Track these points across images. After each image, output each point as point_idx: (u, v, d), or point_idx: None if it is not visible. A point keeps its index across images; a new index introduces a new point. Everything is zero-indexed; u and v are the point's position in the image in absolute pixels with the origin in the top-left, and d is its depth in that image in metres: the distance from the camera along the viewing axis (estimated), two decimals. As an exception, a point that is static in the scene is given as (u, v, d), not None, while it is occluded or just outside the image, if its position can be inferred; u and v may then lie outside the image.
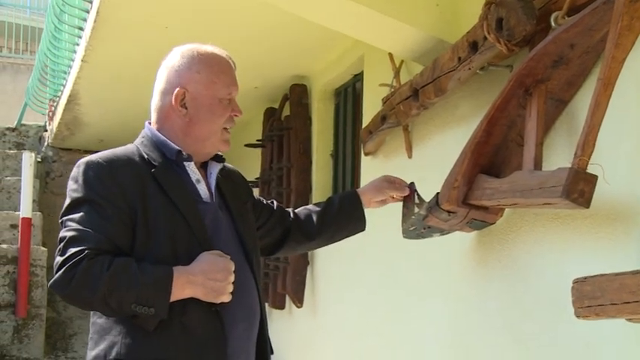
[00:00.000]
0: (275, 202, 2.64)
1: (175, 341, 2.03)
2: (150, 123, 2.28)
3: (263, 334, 2.25)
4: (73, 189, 2.08)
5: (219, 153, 2.31)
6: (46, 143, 8.19)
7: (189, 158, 2.19)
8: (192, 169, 2.20)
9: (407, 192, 2.83)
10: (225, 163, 2.37)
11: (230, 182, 2.35)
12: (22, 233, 6.62)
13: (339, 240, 2.73)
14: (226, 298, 2.07)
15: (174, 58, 2.23)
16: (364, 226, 2.73)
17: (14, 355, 6.44)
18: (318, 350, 4.98)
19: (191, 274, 2.03)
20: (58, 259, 1.99)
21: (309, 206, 2.72)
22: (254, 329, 2.21)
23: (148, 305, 1.97)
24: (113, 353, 2.02)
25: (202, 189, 2.21)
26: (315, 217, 2.62)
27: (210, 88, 2.20)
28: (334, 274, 4.74)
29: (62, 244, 2.00)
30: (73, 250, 1.96)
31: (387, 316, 3.93)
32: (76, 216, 2.02)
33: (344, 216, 2.66)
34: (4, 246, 6.64)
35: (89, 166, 2.08)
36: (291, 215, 2.62)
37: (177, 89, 2.18)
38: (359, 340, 4.29)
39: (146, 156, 2.15)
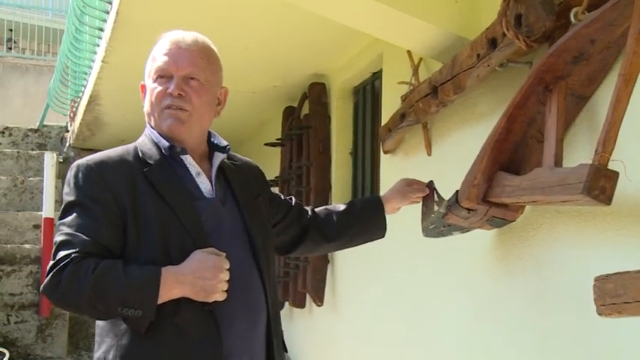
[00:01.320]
0: (294, 199, 2.58)
1: (168, 342, 2.00)
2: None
3: (271, 333, 2.19)
4: (66, 192, 2.08)
5: (225, 143, 2.25)
6: (67, 144, 8.24)
7: (184, 152, 2.14)
8: (190, 162, 2.15)
9: (427, 192, 2.80)
10: (244, 158, 2.33)
11: (241, 175, 2.28)
12: (45, 233, 6.68)
13: (357, 245, 2.70)
14: (219, 297, 2.02)
15: None
16: (384, 234, 2.72)
17: (38, 354, 6.50)
18: (337, 349, 4.98)
19: (180, 273, 1.98)
20: (50, 264, 1.98)
21: (330, 207, 2.67)
22: (258, 328, 2.15)
23: (134, 307, 1.94)
24: (110, 356, 2.01)
25: (203, 182, 2.15)
26: (335, 219, 2.58)
27: (148, 70, 2.20)
28: (354, 273, 4.73)
29: (54, 248, 1.99)
30: (61, 254, 1.95)
31: (406, 314, 3.91)
32: (67, 220, 2.00)
33: (365, 221, 2.64)
34: (27, 246, 6.69)
35: (80, 169, 2.07)
36: (310, 214, 2.58)
37: (141, 84, 2.22)
38: (379, 339, 4.28)
39: (141, 154, 2.12)
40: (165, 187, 2.07)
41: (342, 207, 2.64)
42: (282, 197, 2.54)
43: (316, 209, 2.63)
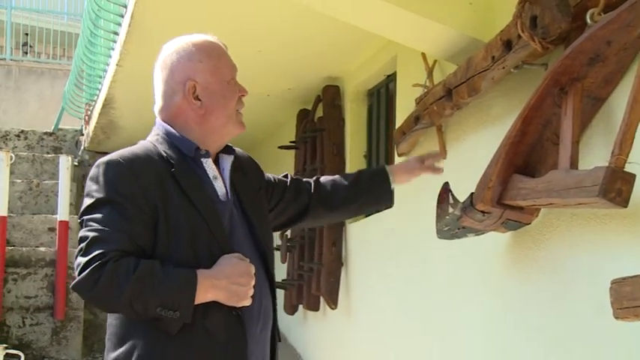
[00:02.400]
0: (289, 177, 2.54)
1: (197, 345, 2.01)
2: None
3: (275, 333, 2.24)
4: (94, 189, 2.03)
5: (229, 144, 2.26)
6: (82, 147, 8.28)
7: (207, 154, 2.15)
8: (209, 165, 2.16)
9: (440, 172, 2.76)
10: (237, 150, 2.31)
11: (240, 173, 2.27)
12: (60, 236, 6.70)
13: (364, 213, 2.72)
14: (248, 302, 2.05)
15: (169, 57, 2.18)
16: (391, 204, 2.69)
17: (53, 356, 6.52)
18: (351, 351, 4.97)
19: (215, 278, 2.00)
20: (81, 260, 1.94)
21: (337, 178, 2.63)
22: (268, 330, 2.19)
23: (173, 309, 1.94)
24: (134, 357, 2.00)
25: (219, 186, 2.16)
26: (341, 191, 2.56)
27: (216, 73, 2.15)
28: (368, 276, 4.72)
29: (84, 243, 1.95)
30: (97, 251, 1.92)
31: (421, 317, 3.90)
32: (98, 216, 1.98)
33: (372, 193, 2.62)
34: (43, 249, 6.72)
35: (110, 165, 2.04)
36: (313, 187, 2.54)
37: (188, 83, 2.13)
38: (393, 342, 4.27)
39: (164, 154, 2.10)
40: (192, 190, 2.07)
41: (349, 178, 2.62)
42: (276, 179, 2.50)
43: (322, 179, 2.59)
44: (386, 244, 4.42)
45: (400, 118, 4.10)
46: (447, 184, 3.08)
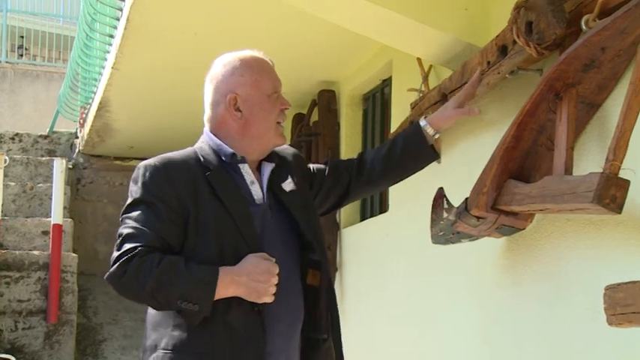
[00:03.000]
0: (328, 164, 2.62)
1: (218, 337, 2.14)
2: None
3: (309, 331, 2.30)
4: (133, 190, 2.22)
5: (274, 150, 2.39)
6: (77, 150, 8.26)
7: (243, 160, 2.29)
8: (246, 170, 2.30)
9: (476, 112, 2.73)
10: (279, 148, 2.43)
11: (283, 177, 2.38)
12: (53, 240, 6.68)
13: (414, 173, 2.71)
14: (268, 299, 2.16)
15: (216, 70, 2.35)
16: (435, 159, 2.69)
17: (45, 360, 6.50)
18: (345, 357, 4.95)
19: (236, 274, 2.13)
20: (114, 254, 2.13)
21: (379, 147, 2.69)
22: (297, 330, 2.27)
23: (192, 302, 2.09)
24: (162, 344, 2.16)
25: (256, 190, 2.29)
26: (377, 162, 2.61)
27: (257, 87, 2.31)
28: (363, 280, 4.72)
29: (119, 239, 2.15)
30: (128, 246, 2.11)
31: (416, 324, 3.90)
32: (134, 214, 2.17)
33: (408, 157, 2.63)
34: (36, 252, 6.70)
35: (147, 168, 2.22)
36: (355, 164, 2.61)
37: (229, 95, 2.30)
38: (387, 347, 4.26)
39: (202, 159, 2.26)
40: (224, 192, 2.22)
41: (385, 146, 2.66)
42: (315, 169, 2.59)
43: (366, 153, 2.66)
44: (380, 248, 4.42)
45: (395, 122, 4.10)
46: (441, 189, 3.08)
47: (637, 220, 2.33)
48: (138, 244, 2.11)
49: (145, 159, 2.30)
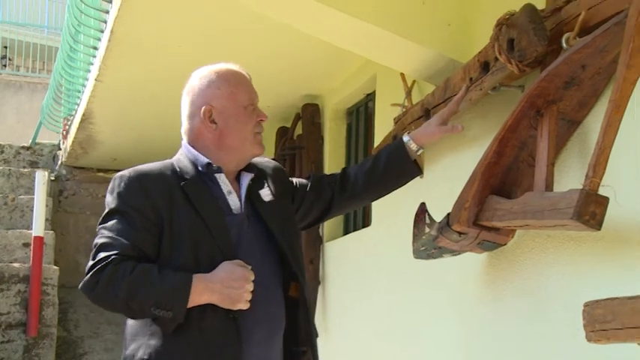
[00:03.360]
0: (310, 179, 2.64)
1: (193, 344, 2.16)
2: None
3: (292, 342, 2.31)
4: (108, 201, 2.26)
5: (252, 162, 2.41)
6: (59, 162, 8.22)
7: (219, 170, 2.31)
8: (223, 180, 2.32)
9: (459, 129, 2.74)
10: (262, 160, 2.47)
11: (261, 187, 2.40)
12: (34, 252, 6.62)
13: (396, 189, 2.73)
14: (243, 306, 2.17)
15: (193, 83, 2.38)
16: (416, 174, 2.72)
17: (25, 374, 6.44)
18: (329, 371, 4.94)
19: (209, 281, 2.15)
20: (89, 264, 2.16)
21: (363, 162, 2.73)
22: (277, 340, 2.28)
23: (166, 308, 2.11)
24: (139, 354, 2.18)
25: (233, 200, 2.32)
26: (360, 177, 2.63)
27: (232, 99, 2.34)
28: (346, 295, 4.71)
29: (94, 249, 2.18)
30: (101, 255, 2.14)
31: (398, 338, 3.90)
32: (108, 224, 2.20)
33: (391, 172, 2.66)
34: (16, 265, 6.64)
35: (122, 179, 2.26)
36: (338, 179, 2.63)
37: (204, 107, 2.33)
38: (370, 362, 4.26)
39: (178, 170, 2.30)
40: (200, 201, 2.24)
41: (369, 161, 2.69)
42: (298, 183, 2.61)
43: (349, 168, 2.69)
44: (363, 262, 4.43)
45: (379, 137, 4.11)
46: (423, 204, 3.09)
47: (616, 237, 2.35)
48: (111, 253, 2.13)
49: None
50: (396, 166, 2.65)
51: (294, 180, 2.61)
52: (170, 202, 2.22)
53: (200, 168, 2.31)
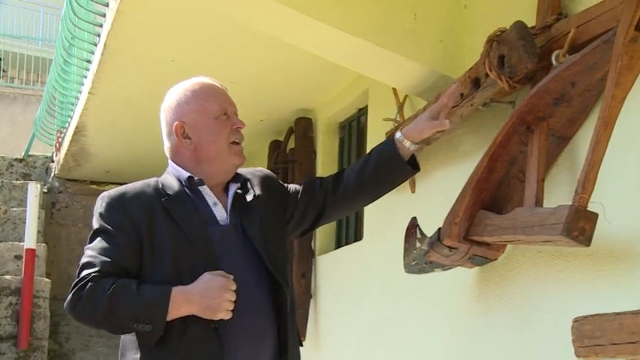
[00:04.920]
0: (304, 183, 2.57)
1: (175, 356, 2.16)
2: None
3: (283, 351, 2.30)
4: (93, 221, 2.30)
5: (238, 172, 2.40)
6: (52, 174, 8.21)
7: (201, 182, 2.32)
8: (207, 192, 2.32)
9: (447, 125, 2.51)
10: (250, 169, 2.46)
11: (251, 195, 2.38)
12: (26, 264, 6.60)
13: (392, 189, 2.58)
14: (224, 315, 2.16)
15: (166, 102, 2.40)
16: (410, 172, 2.53)
17: (16, 387, 6.42)
18: (320, 385, 4.94)
19: (188, 292, 2.15)
20: (73, 283, 2.19)
21: (349, 168, 2.60)
22: (264, 350, 2.26)
23: (145, 322, 2.12)
24: None
25: (219, 211, 2.32)
26: (352, 177, 2.52)
27: (202, 111, 2.34)
28: (337, 309, 4.72)
29: (78, 269, 2.21)
30: (84, 273, 2.17)
31: (389, 352, 3.90)
32: (92, 244, 2.24)
33: (381, 171, 2.51)
34: (8, 277, 6.62)
35: (104, 199, 2.30)
36: (331, 181, 2.54)
37: (175, 124, 2.34)
38: (361, 376, 4.26)
39: (161, 187, 2.31)
40: (180, 215, 2.26)
41: (359, 163, 2.57)
42: (292, 189, 2.55)
43: (346, 170, 2.58)
44: (355, 276, 4.43)
45: (371, 151, 4.12)
46: (414, 219, 3.10)
47: (605, 253, 2.36)
48: (92, 271, 2.16)
49: (121, 183, 2.38)
50: (386, 164, 2.49)
51: (289, 186, 2.58)
52: (150, 218, 2.24)
53: (183, 183, 2.33)
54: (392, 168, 2.50)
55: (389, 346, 3.91)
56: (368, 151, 4.19)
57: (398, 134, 2.50)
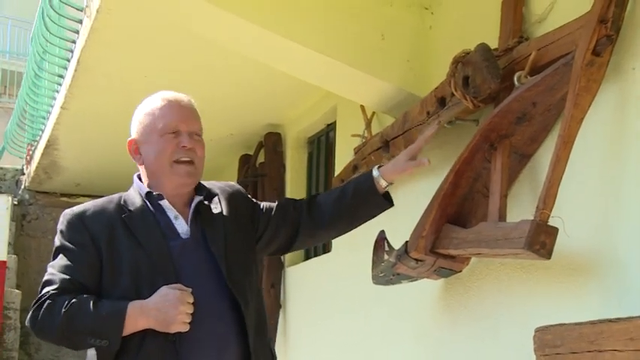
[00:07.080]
0: (277, 202, 2.57)
1: None
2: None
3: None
4: (55, 239, 2.30)
5: (206, 185, 2.39)
6: (23, 186, 8.19)
7: (160, 197, 2.31)
8: (167, 206, 2.31)
9: (426, 163, 2.58)
10: (221, 184, 2.45)
11: (216, 208, 2.38)
12: (-3, 276, 6.61)
13: (365, 222, 2.60)
14: (180, 328, 2.15)
15: (131, 119, 2.40)
16: (385, 207, 2.56)
17: (-14, 401, 6.39)
18: (290, 396, 4.99)
19: (144, 306, 2.15)
20: (34, 301, 2.20)
21: (331, 191, 2.64)
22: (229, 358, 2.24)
23: (102, 337, 2.13)
24: None
25: (180, 225, 2.30)
26: (327, 207, 2.53)
27: (150, 127, 2.31)
28: (306, 319, 4.78)
29: (40, 287, 2.21)
30: (43, 291, 2.18)
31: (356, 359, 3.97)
32: (53, 262, 2.25)
33: (358, 204, 2.53)
34: (-22, 289, 6.61)
35: (65, 217, 2.31)
36: (304, 206, 2.55)
37: (129, 140, 2.36)
38: (331, 386, 4.31)
39: (123, 202, 2.31)
40: (140, 231, 2.25)
41: (336, 192, 2.58)
42: (265, 207, 2.54)
43: (319, 196, 2.60)
44: (323, 287, 4.49)
45: (339, 166, 4.20)
46: (382, 232, 3.17)
47: (565, 266, 2.46)
48: (51, 288, 2.17)
49: (91, 196, 2.38)
50: (363, 197, 2.52)
51: (261, 203, 2.56)
52: (110, 234, 2.24)
53: (144, 197, 2.32)
54: (368, 201, 2.53)
55: (357, 357, 3.97)
56: (336, 165, 4.31)
57: (375, 172, 2.53)
